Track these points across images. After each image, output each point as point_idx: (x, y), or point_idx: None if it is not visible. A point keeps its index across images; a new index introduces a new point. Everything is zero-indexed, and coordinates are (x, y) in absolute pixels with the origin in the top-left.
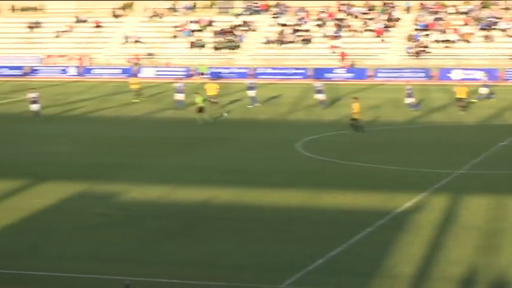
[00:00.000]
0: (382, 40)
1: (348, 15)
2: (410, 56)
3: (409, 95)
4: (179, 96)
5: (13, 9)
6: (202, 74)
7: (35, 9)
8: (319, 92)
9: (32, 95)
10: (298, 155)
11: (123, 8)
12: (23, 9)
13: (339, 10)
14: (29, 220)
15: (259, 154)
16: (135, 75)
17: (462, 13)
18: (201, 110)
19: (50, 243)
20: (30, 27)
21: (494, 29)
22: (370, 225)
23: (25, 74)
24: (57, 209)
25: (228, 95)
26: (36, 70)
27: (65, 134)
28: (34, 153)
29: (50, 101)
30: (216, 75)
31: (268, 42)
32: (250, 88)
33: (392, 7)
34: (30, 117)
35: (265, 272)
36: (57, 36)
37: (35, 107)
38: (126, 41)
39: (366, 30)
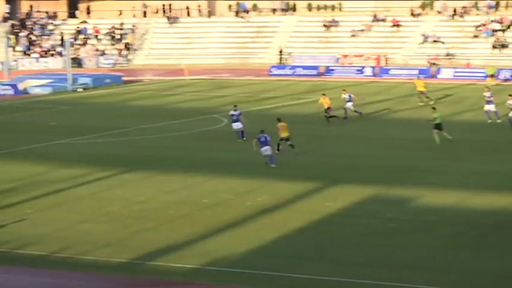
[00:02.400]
0: None
1: None
2: None
3: None
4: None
5: (309, 8)
6: (491, 76)
7: (331, 7)
8: None
9: (233, 112)
10: None
11: (423, 6)
12: (319, 8)
13: None
14: (320, 223)
15: None
16: (433, 76)
17: None
18: (438, 127)
19: (341, 247)
20: (326, 26)
21: None
22: None
23: (320, 74)
24: (349, 212)
25: None
26: (331, 70)
27: (360, 135)
28: (327, 154)
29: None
30: None
31: None
32: None
33: None
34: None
35: None
36: (353, 36)
37: (237, 125)
38: (425, 41)
39: None
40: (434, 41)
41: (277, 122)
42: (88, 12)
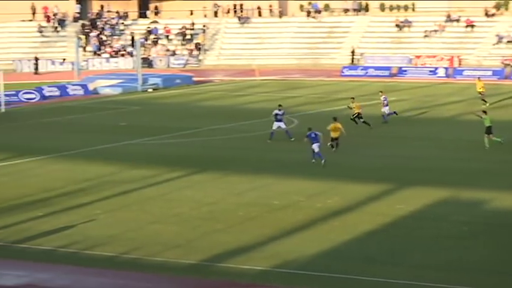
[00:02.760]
0: None
1: None
2: None
3: None
4: None
5: (382, 8)
6: None
7: (404, 7)
8: None
9: (277, 111)
10: None
11: (497, 7)
12: (392, 8)
13: None
14: (392, 226)
15: None
16: (507, 78)
17: None
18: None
19: (412, 250)
20: (398, 26)
21: None
22: None
23: (392, 75)
24: (420, 215)
25: None
26: (404, 71)
27: (431, 137)
28: (398, 156)
29: (418, 102)
30: None
31: None
32: None
33: None
34: (390, 120)
35: None
36: (426, 36)
37: (278, 124)
38: (499, 41)
39: None
40: (509, 42)
41: (333, 121)
42: (156, 13)
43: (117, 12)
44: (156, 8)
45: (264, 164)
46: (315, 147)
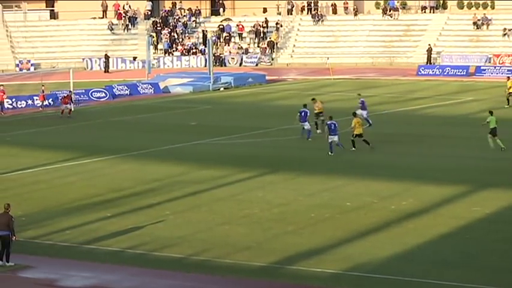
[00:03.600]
0: None
1: None
2: None
3: None
4: None
5: (460, 6)
6: None
7: (483, 5)
8: None
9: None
10: None
11: None
12: (470, 6)
13: None
14: (467, 229)
15: None
16: None
17: None
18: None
19: (488, 254)
20: (476, 24)
21: None
22: None
23: (470, 74)
24: (497, 218)
25: None
26: (482, 70)
27: (508, 138)
28: (474, 157)
29: (495, 102)
30: None
31: None
32: None
33: None
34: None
35: None
36: (505, 34)
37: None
38: None
39: None
40: None
41: (353, 116)
42: (223, 10)
43: (189, 9)
44: (223, 5)
45: (335, 165)
46: (330, 138)
